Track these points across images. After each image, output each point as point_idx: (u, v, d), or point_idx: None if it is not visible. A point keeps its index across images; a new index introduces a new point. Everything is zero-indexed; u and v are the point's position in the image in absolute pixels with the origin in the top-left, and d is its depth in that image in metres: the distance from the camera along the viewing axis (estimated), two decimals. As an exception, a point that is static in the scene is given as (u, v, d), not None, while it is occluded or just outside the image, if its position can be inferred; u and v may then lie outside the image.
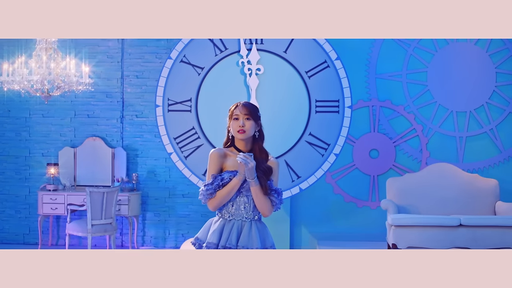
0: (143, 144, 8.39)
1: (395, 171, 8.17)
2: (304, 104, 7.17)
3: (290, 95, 7.14)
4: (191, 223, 8.35)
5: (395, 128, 8.22)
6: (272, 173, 3.48)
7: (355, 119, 7.65)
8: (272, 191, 3.44)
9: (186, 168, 7.11)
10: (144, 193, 8.39)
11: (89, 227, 7.21)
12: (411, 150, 8.18)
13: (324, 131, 7.13)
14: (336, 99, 7.09)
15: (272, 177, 3.48)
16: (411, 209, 7.29)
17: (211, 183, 3.40)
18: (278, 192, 3.47)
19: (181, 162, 7.08)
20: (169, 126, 7.07)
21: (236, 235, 3.39)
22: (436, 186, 7.44)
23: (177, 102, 7.15)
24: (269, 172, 3.46)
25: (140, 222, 8.30)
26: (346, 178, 8.24)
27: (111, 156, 8.28)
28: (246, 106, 3.47)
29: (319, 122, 7.16)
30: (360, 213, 8.21)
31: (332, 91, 7.10)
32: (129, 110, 8.45)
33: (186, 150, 7.13)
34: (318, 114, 7.14)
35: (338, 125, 7.11)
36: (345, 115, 7.11)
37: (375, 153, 8.21)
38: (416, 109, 8.18)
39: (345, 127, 7.12)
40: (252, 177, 3.32)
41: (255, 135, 3.49)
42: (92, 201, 7.21)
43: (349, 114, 7.08)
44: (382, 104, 8.17)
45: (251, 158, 3.31)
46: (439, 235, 6.72)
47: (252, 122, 3.44)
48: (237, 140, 3.48)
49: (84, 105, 8.50)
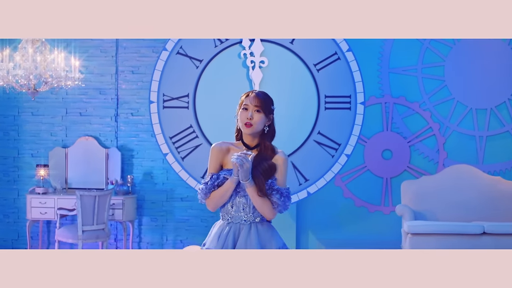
0: (139, 144, 8.17)
1: (409, 173, 7.87)
2: (313, 100, 6.84)
3: (297, 90, 6.81)
4: (190, 228, 8.16)
5: (409, 126, 7.94)
6: (274, 172, 3.23)
7: (367, 117, 7.34)
8: (273, 191, 3.20)
9: (183, 170, 6.82)
10: (140, 196, 8.17)
11: (80, 233, 6.93)
12: (427, 150, 7.89)
13: (334, 129, 6.80)
14: (347, 95, 6.73)
15: (276, 175, 3.24)
16: (428, 214, 6.96)
17: (206, 183, 3.25)
18: (281, 192, 3.21)
19: (178, 164, 6.77)
20: (164, 124, 6.78)
21: (232, 240, 3.23)
22: (455, 190, 7.13)
23: (173, 98, 6.83)
24: (270, 171, 3.22)
25: (135, 227, 8.10)
26: (357, 181, 7.98)
27: (105, 157, 8.09)
28: (258, 96, 3.23)
29: (329, 120, 6.82)
30: (372, 219, 7.95)
31: (343, 86, 6.75)
32: (124, 107, 8.23)
33: (183, 150, 6.85)
34: (328, 111, 6.81)
35: (350, 123, 6.75)
36: (357, 112, 6.74)
37: (388, 153, 7.94)
38: (433, 106, 7.90)
39: (357, 125, 6.74)
40: (245, 178, 3.12)
41: (264, 130, 3.25)
42: (83, 205, 6.96)
43: (361, 111, 6.71)
44: (396, 101, 7.89)
45: (247, 158, 3.08)
46: (460, 244, 6.31)
47: (262, 115, 3.21)
48: (244, 133, 3.27)
49: (76, 103, 8.30)
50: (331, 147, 6.86)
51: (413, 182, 7.29)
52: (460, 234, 6.39)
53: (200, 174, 6.78)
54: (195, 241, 7.87)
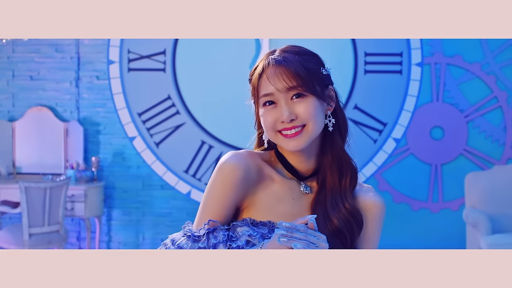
0: (107, 117, 7.65)
1: (467, 158, 7.25)
2: (347, 60, 5.98)
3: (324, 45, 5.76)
4: (173, 224, 7.72)
5: (467, 96, 7.30)
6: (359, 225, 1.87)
7: (410, 83, 6.86)
8: None
9: (159, 161, 6.08)
10: (109, 184, 7.74)
11: (26, 237, 6.35)
12: (490, 128, 7.27)
13: (377, 103, 6.00)
14: (398, 52, 5.88)
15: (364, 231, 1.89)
16: (506, 222, 6.05)
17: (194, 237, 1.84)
18: None
19: (150, 152, 6.00)
20: (130, 95, 6.03)
21: None
22: None
23: (143, 56, 6.11)
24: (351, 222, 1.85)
25: (103, 223, 7.69)
26: (397, 169, 7.38)
27: (63, 133, 7.62)
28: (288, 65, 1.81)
29: (370, 89, 6.00)
30: (416, 218, 7.35)
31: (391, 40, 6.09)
32: (87, 69, 7.73)
33: (158, 133, 6.14)
34: (369, 76, 5.97)
35: (400, 94, 5.91)
36: (412, 77, 5.87)
37: (438, 132, 7.33)
38: (499, 69, 7.22)
39: (411, 97, 5.89)
40: None
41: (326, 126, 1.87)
42: (29, 201, 6.39)
43: (418, 76, 5.85)
44: (450, 61, 7.25)
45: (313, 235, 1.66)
46: None
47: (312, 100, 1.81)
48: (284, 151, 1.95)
49: (26, 63, 7.82)
50: (373, 128, 6.07)
51: (481, 174, 6.53)
52: None
53: (183, 168, 6.10)
54: (179, 240, 7.30)
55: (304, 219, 1.70)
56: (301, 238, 1.68)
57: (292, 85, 1.80)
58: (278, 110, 1.83)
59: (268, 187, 1.90)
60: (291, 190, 1.89)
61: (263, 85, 1.85)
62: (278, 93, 1.81)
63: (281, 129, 1.82)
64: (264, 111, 1.86)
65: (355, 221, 1.87)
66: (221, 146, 5.73)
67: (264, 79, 1.85)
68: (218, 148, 5.77)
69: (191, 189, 5.72)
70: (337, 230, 1.86)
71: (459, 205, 7.02)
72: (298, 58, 1.85)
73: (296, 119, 1.81)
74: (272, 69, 1.83)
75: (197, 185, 5.71)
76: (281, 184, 1.90)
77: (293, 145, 1.83)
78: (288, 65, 1.82)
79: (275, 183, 1.89)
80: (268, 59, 1.86)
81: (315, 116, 1.82)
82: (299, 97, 1.82)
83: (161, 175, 6.12)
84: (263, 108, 1.86)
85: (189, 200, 7.20)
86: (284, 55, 1.85)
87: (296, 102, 1.82)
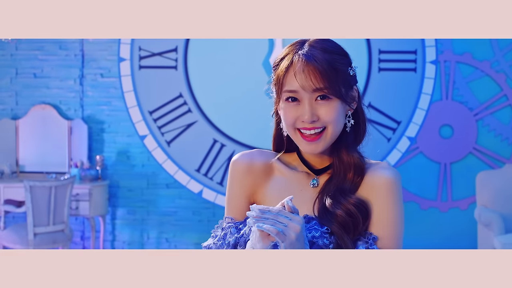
0: (111, 115, 7.61)
1: (476, 156, 7.22)
2: (361, 57, 6.00)
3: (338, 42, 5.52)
4: (178, 224, 7.68)
5: (477, 94, 7.26)
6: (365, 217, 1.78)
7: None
8: None
9: (170, 160, 6.11)
10: (113, 182, 7.69)
11: (31, 237, 6.32)
12: (499, 126, 7.23)
13: (391, 101, 6.05)
14: (412, 50, 5.92)
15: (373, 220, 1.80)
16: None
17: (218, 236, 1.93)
18: None
19: (161, 151, 6.04)
20: (141, 93, 6.06)
21: None
22: None
23: (154, 54, 6.15)
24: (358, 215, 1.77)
25: (107, 222, 7.65)
26: (405, 168, 7.27)
27: (67, 132, 7.58)
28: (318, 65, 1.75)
29: (384, 87, 6.05)
30: (425, 218, 7.31)
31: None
32: (92, 67, 7.67)
33: (169, 131, 6.18)
34: (383, 73, 6.02)
35: (415, 91, 5.95)
36: (426, 75, 5.91)
37: (447, 130, 7.30)
38: (509, 67, 7.19)
39: (425, 95, 5.94)
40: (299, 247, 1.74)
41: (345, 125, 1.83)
42: (34, 200, 6.34)
43: (432, 74, 5.89)
44: (459, 59, 7.21)
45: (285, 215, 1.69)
46: None
47: (336, 104, 1.78)
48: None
49: (29, 61, 7.76)
50: (387, 127, 6.14)
51: (493, 173, 6.51)
52: None
53: (194, 167, 6.13)
54: (185, 239, 7.63)
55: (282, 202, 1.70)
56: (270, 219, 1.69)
57: (319, 86, 1.76)
58: (300, 108, 1.80)
59: (277, 180, 1.91)
60: (299, 183, 1.88)
61: (289, 80, 1.81)
62: (303, 92, 1.78)
63: (300, 127, 1.80)
64: (286, 106, 1.83)
65: (360, 212, 1.82)
66: (233, 144, 5.70)
67: (291, 74, 1.80)
68: (230, 146, 5.76)
69: (203, 188, 5.72)
70: (342, 221, 1.82)
71: (468, 204, 7.00)
72: (328, 57, 1.80)
73: (317, 120, 1.80)
74: (301, 65, 1.79)
75: (209, 184, 5.72)
76: (290, 177, 1.90)
77: (311, 148, 1.82)
78: (318, 64, 1.78)
79: (283, 176, 1.90)
80: (297, 53, 1.81)
81: (337, 120, 1.81)
82: (324, 99, 1.79)
83: (172, 174, 6.14)
84: (285, 103, 1.83)
85: (195, 199, 7.29)
86: (313, 52, 1.80)
87: (320, 104, 1.80)
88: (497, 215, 5.86)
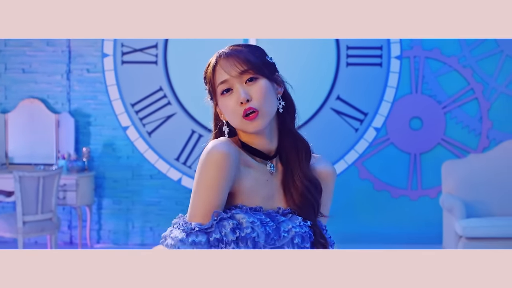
0: (97, 109, 7.70)
1: (444, 147, 7.34)
2: (330, 53, 6.08)
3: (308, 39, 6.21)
4: (162, 213, 7.77)
5: (445, 88, 7.40)
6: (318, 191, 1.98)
7: (390, 76, 6.85)
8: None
9: (151, 150, 6.16)
10: (99, 173, 7.80)
11: (20, 225, 6.39)
12: (466, 118, 7.36)
13: (358, 93, 6.10)
14: (378, 46, 6.00)
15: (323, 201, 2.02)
16: (480, 208, 6.11)
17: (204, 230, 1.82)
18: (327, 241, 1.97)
19: (143, 141, 6.11)
20: (124, 87, 6.12)
21: None
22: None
23: (136, 50, 6.18)
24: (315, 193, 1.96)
25: (94, 212, 7.73)
26: (377, 158, 7.46)
27: (55, 125, 7.66)
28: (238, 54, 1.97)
29: (352, 81, 6.11)
30: (396, 206, 7.42)
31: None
32: (78, 62, 7.76)
33: (150, 122, 6.24)
34: (351, 68, 6.08)
35: (380, 85, 6.02)
36: (391, 69, 5.99)
37: (417, 122, 7.43)
38: (475, 62, 7.35)
39: (390, 88, 5.99)
40: None
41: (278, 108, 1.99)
42: (23, 190, 6.40)
43: (397, 68, 5.97)
44: (428, 55, 7.37)
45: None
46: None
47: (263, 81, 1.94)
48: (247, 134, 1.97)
49: (18, 56, 7.82)
50: (355, 118, 6.18)
51: (457, 162, 6.58)
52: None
53: (174, 155, 6.17)
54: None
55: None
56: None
57: (244, 69, 1.91)
58: (235, 94, 1.93)
59: (248, 172, 1.95)
60: (263, 173, 1.95)
61: (218, 75, 1.96)
62: (232, 79, 1.92)
63: (243, 113, 1.90)
64: (224, 100, 1.95)
65: (316, 189, 1.98)
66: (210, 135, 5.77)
67: (218, 70, 1.95)
68: (208, 137, 5.69)
69: (181, 176, 5.77)
70: (305, 201, 1.96)
71: (437, 192, 7.08)
72: (246, 49, 1.98)
73: (251, 99, 1.91)
74: (224, 59, 1.95)
75: (188, 172, 5.70)
76: (256, 169, 1.96)
77: (254, 126, 1.92)
78: (238, 53, 1.95)
79: (252, 168, 1.95)
80: (218, 54, 1.98)
81: (268, 96, 1.94)
82: (252, 81, 1.93)
83: (153, 163, 6.16)
84: (222, 97, 1.95)
85: (178, 189, 7.38)
86: (232, 49, 1.98)
87: (250, 85, 1.93)
88: (459, 201, 5.91)
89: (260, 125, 1.90)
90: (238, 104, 1.90)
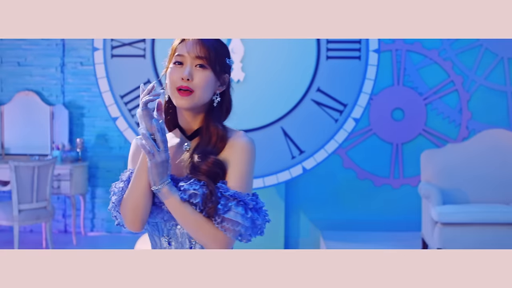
0: (91, 101, 7.76)
1: (425, 137, 7.37)
2: (310, 46, 6.07)
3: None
4: None
5: (426, 80, 7.40)
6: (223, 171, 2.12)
7: (373, 68, 6.81)
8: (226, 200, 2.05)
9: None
10: (93, 163, 7.85)
11: (16, 213, 6.41)
12: (447, 109, 7.37)
13: (338, 85, 6.09)
14: (356, 39, 6.01)
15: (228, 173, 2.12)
16: (457, 195, 6.05)
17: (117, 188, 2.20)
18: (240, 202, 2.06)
19: (132, 131, 6.07)
20: (113, 79, 6.12)
21: None
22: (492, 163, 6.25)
23: (125, 44, 6.17)
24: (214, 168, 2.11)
25: (87, 201, 7.79)
26: (360, 148, 7.46)
27: (49, 116, 7.73)
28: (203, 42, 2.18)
29: (332, 73, 6.10)
30: (378, 194, 7.45)
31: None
32: (72, 55, 7.81)
33: None
34: (331, 61, 6.07)
35: (359, 77, 6.04)
36: (370, 62, 6.00)
37: (399, 113, 7.42)
38: (455, 55, 7.36)
39: (369, 80, 6.01)
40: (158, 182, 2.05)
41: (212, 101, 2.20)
42: (18, 179, 6.44)
43: (375, 61, 5.98)
44: (410, 48, 7.37)
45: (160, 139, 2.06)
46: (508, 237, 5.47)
47: (209, 73, 2.16)
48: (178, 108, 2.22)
49: (13, 50, 7.88)
50: (335, 109, 6.16)
51: (436, 152, 6.50)
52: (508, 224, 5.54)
53: None
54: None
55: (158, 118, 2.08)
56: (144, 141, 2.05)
57: (200, 55, 2.13)
58: (182, 69, 2.14)
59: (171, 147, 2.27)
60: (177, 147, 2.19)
61: (180, 47, 2.17)
62: (187, 57, 2.14)
63: (179, 87, 2.12)
64: (172, 68, 2.15)
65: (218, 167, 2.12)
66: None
67: (183, 44, 2.16)
68: None
69: None
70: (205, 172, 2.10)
71: (418, 181, 7.04)
72: (213, 42, 2.19)
73: (191, 81, 2.12)
74: (193, 41, 2.16)
75: None
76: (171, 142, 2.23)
77: (182, 103, 2.13)
78: (204, 40, 2.16)
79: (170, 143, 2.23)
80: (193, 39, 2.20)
81: (206, 86, 2.15)
82: (201, 67, 2.14)
83: None
84: (173, 66, 2.16)
85: None
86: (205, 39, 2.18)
87: (197, 70, 2.14)
88: (435, 189, 5.89)
89: (187, 103, 2.10)
90: (180, 78, 2.10)
